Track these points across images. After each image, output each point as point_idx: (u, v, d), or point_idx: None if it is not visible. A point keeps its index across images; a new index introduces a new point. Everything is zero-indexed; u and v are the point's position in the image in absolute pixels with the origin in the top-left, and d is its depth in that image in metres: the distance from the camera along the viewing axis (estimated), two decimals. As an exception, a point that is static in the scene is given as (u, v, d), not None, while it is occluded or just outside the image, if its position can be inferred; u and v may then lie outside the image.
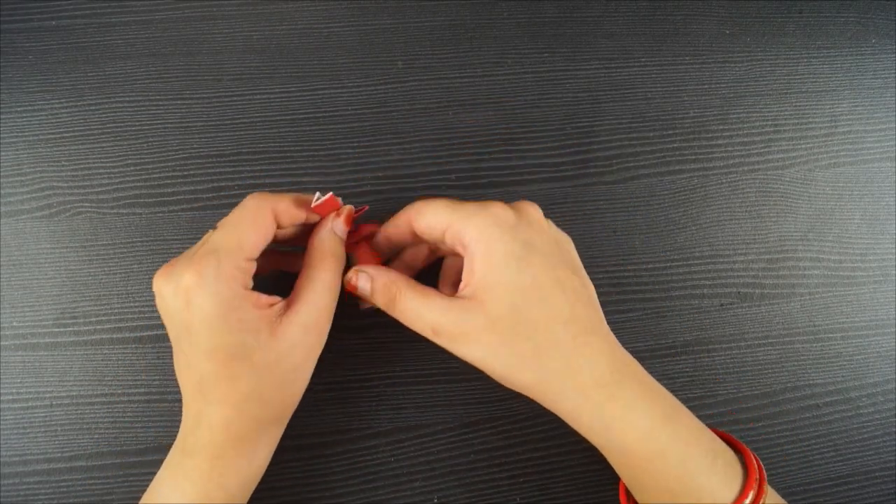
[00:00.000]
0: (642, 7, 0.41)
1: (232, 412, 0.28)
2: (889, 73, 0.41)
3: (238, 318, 0.27)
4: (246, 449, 0.28)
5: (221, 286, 0.26)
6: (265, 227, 0.28)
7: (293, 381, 0.29)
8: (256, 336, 0.27)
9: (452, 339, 0.28)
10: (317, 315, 0.28)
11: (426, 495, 0.36)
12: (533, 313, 0.28)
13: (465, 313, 0.28)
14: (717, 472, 0.28)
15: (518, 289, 0.28)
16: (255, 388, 0.27)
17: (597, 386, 0.28)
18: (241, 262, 0.27)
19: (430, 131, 0.39)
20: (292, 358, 0.28)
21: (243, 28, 0.39)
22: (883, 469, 0.38)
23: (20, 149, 0.37)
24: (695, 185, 0.40)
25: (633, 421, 0.28)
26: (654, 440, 0.28)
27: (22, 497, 0.35)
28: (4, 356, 0.36)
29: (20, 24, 0.38)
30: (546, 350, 0.28)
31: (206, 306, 0.26)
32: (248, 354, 0.27)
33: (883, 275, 0.40)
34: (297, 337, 0.28)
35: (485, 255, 0.28)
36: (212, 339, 0.27)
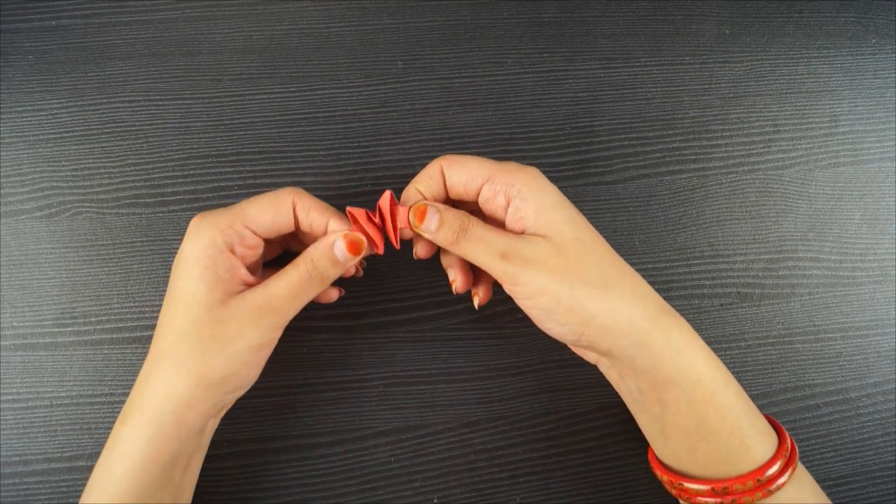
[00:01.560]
0: (642, 7, 0.41)
1: (151, 365, 0.29)
2: (889, 73, 0.41)
3: (206, 267, 0.28)
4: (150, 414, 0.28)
5: (208, 233, 0.28)
6: (278, 209, 0.30)
7: (218, 351, 0.28)
8: (210, 293, 0.28)
9: (523, 262, 0.28)
10: (265, 299, 0.29)
11: (426, 495, 0.36)
12: (597, 246, 0.29)
13: (535, 243, 0.29)
14: (761, 420, 0.29)
15: (577, 224, 0.29)
16: (178, 342, 0.28)
17: (660, 313, 0.29)
18: (237, 223, 0.29)
19: (430, 131, 0.39)
20: (225, 328, 0.28)
21: (243, 28, 0.39)
22: (883, 469, 0.38)
23: (20, 149, 0.37)
24: (695, 185, 0.40)
25: (697, 348, 0.29)
26: (717, 371, 0.29)
27: (22, 497, 0.35)
28: (4, 356, 0.36)
29: (20, 24, 0.38)
30: (614, 279, 0.29)
31: (189, 247, 0.29)
32: (192, 306, 0.28)
33: (883, 275, 0.40)
34: (237, 310, 0.28)
35: (539, 199, 0.29)
36: (180, 280, 0.29)
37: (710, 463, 0.29)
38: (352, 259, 0.30)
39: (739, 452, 0.28)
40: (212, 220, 0.29)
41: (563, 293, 0.28)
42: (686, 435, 0.29)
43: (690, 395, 0.29)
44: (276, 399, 0.36)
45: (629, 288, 0.29)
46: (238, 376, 0.29)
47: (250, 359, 0.29)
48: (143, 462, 0.28)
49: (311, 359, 0.37)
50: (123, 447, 0.28)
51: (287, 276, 0.29)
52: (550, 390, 0.37)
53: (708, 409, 0.28)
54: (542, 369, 0.37)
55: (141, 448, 0.28)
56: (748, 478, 0.28)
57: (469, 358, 0.37)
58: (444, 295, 0.38)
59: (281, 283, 0.29)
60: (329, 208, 0.31)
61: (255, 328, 0.28)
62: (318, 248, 0.30)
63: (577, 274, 0.28)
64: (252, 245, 0.30)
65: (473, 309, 0.37)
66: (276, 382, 0.36)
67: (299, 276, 0.29)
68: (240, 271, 0.29)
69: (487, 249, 0.29)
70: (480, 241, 0.29)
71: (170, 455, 0.28)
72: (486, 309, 0.38)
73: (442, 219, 0.30)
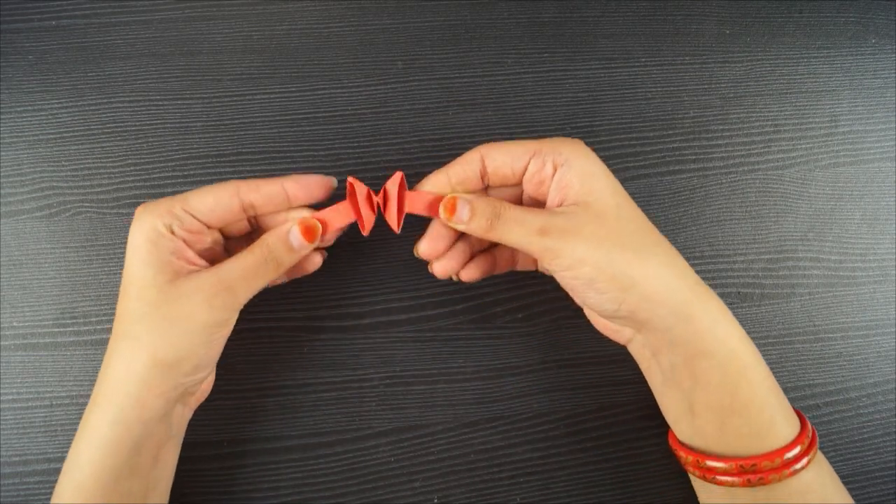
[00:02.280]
0: (642, 7, 0.41)
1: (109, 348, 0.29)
2: (889, 73, 0.41)
3: (149, 251, 0.28)
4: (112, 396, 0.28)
5: (149, 219, 0.29)
6: (217, 192, 0.30)
7: (169, 331, 0.28)
8: (157, 275, 0.28)
9: (561, 234, 0.28)
10: (217, 279, 0.29)
11: (426, 495, 0.36)
12: (635, 214, 0.30)
13: (572, 214, 0.29)
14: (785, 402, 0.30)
15: (618, 193, 0.30)
16: (131, 324, 0.28)
17: (697, 283, 0.29)
18: (176, 208, 0.29)
19: (430, 131, 0.39)
20: (175, 307, 0.28)
21: (243, 28, 0.39)
22: (883, 469, 0.38)
23: (20, 149, 0.37)
24: (695, 185, 0.40)
25: (731, 321, 0.29)
26: (749, 344, 0.29)
27: (22, 497, 0.35)
28: (4, 356, 0.36)
29: (20, 24, 0.38)
30: (652, 246, 0.29)
31: (134, 234, 0.29)
32: (142, 286, 0.28)
33: (883, 275, 0.40)
34: (187, 289, 0.28)
35: (584, 166, 0.30)
36: (129, 266, 0.29)
37: (740, 438, 0.29)
38: (307, 246, 0.30)
39: (769, 428, 0.28)
40: (151, 206, 0.29)
41: (602, 259, 0.28)
42: (717, 410, 0.29)
43: (725, 368, 0.29)
44: (276, 399, 0.36)
45: (668, 256, 0.29)
46: (194, 356, 0.29)
47: (205, 338, 0.29)
48: (107, 447, 0.28)
49: (311, 359, 0.37)
50: (89, 432, 0.28)
51: (241, 259, 0.29)
52: (550, 390, 0.37)
53: (741, 381, 0.29)
54: (542, 369, 0.37)
55: (104, 432, 0.28)
56: (776, 454, 0.28)
57: (469, 358, 0.37)
58: (444, 295, 0.38)
59: (234, 265, 0.29)
60: (278, 178, 0.31)
61: (208, 306, 0.28)
62: (274, 233, 0.30)
63: (616, 240, 0.28)
64: (194, 230, 0.30)
65: (473, 309, 0.37)
66: (276, 382, 0.36)
67: (254, 259, 0.29)
68: (186, 253, 0.29)
69: (524, 229, 0.29)
70: (515, 222, 0.29)
71: (133, 439, 0.28)
72: (486, 309, 0.38)
73: (473, 208, 0.30)
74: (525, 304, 0.38)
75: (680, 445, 0.31)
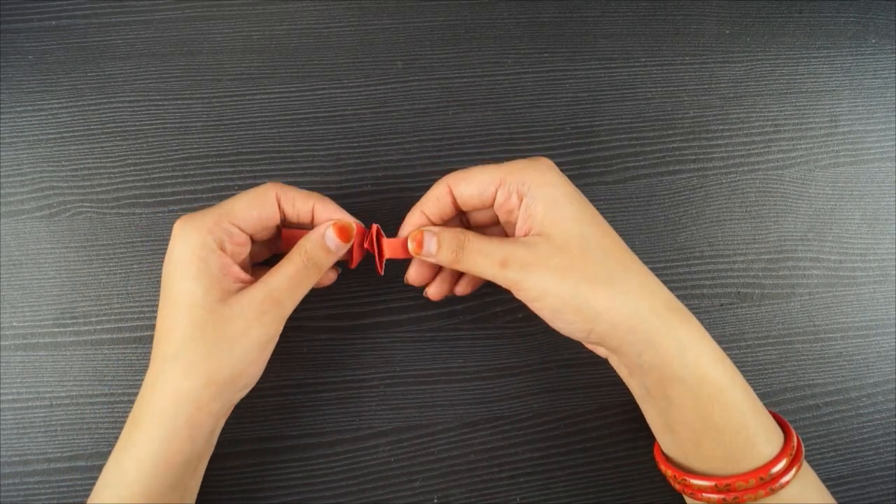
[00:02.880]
0: (642, 7, 0.41)
1: (159, 368, 0.28)
2: (889, 73, 0.41)
3: (199, 269, 0.28)
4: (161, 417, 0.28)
5: (197, 234, 0.28)
6: (262, 204, 0.30)
7: (225, 351, 0.28)
8: (208, 293, 0.28)
9: (522, 266, 0.29)
10: (266, 296, 0.29)
11: (426, 495, 0.36)
12: (602, 241, 0.29)
13: (534, 246, 0.29)
14: (768, 418, 0.29)
15: (584, 220, 0.29)
16: (184, 344, 0.28)
17: (667, 310, 0.29)
18: (224, 222, 0.29)
19: (430, 131, 0.39)
20: (229, 327, 0.28)
21: (243, 28, 0.39)
22: (883, 469, 0.38)
23: (20, 149, 0.37)
24: (694, 185, 0.40)
25: (705, 346, 0.29)
26: (723, 369, 0.29)
27: (22, 497, 0.35)
28: (4, 356, 0.36)
29: (20, 24, 0.38)
30: (619, 273, 0.29)
31: (179, 249, 0.28)
32: (192, 307, 0.28)
33: (883, 275, 0.40)
34: (239, 308, 0.28)
35: (547, 195, 0.29)
36: (175, 283, 0.28)
37: (715, 459, 0.29)
38: (343, 246, 0.31)
39: (745, 450, 0.28)
40: (198, 221, 0.29)
41: (566, 291, 0.28)
42: (692, 431, 0.29)
43: (696, 393, 0.28)
44: (276, 399, 0.36)
45: (636, 283, 0.29)
46: (246, 374, 0.29)
47: (257, 356, 0.29)
48: (157, 465, 0.28)
49: (311, 359, 0.37)
50: (136, 451, 0.28)
51: (283, 269, 0.30)
52: (550, 390, 0.37)
53: (713, 406, 0.28)
54: (542, 369, 0.37)
55: (155, 451, 0.28)
56: (751, 475, 0.28)
57: (469, 358, 0.37)
58: (444, 295, 0.38)
59: (279, 277, 0.29)
60: (311, 194, 0.31)
61: (259, 324, 0.29)
62: (311, 238, 0.30)
63: (580, 271, 0.28)
64: (241, 242, 0.30)
65: (473, 309, 0.37)
66: (276, 382, 0.36)
67: (295, 268, 0.30)
68: (233, 269, 0.29)
69: (487, 260, 0.29)
70: (479, 253, 0.29)
71: (183, 457, 0.28)
72: (486, 309, 0.38)
73: (439, 241, 0.30)
74: (525, 304, 0.38)
75: (663, 459, 0.32)
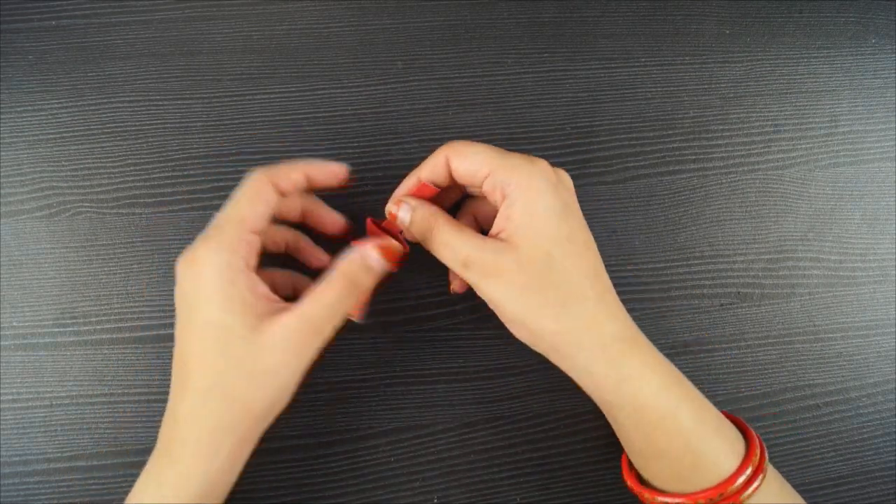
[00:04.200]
0: (642, 7, 0.41)
1: (196, 401, 0.27)
2: (889, 73, 0.41)
3: (229, 295, 0.27)
4: (204, 451, 0.27)
5: (224, 255, 0.27)
6: (265, 197, 0.29)
7: (264, 384, 0.27)
8: (241, 320, 0.27)
9: (482, 273, 0.28)
10: (305, 325, 0.27)
11: (426, 495, 0.36)
12: (566, 264, 0.28)
13: (499, 253, 0.28)
14: (723, 437, 0.29)
15: (555, 240, 0.28)
16: (221, 376, 0.27)
17: (615, 341, 0.29)
18: (244, 233, 0.28)
19: (430, 131, 0.39)
20: (268, 358, 0.27)
21: (243, 28, 0.39)
22: (883, 469, 0.38)
23: (20, 149, 0.37)
24: (695, 185, 0.40)
25: (648, 376, 0.29)
26: (667, 397, 0.29)
27: (22, 497, 0.35)
28: (4, 356, 0.36)
29: (20, 24, 0.38)
30: (572, 301, 0.28)
31: (209, 274, 0.27)
32: (226, 338, 0.27)
33: (883, 275, 0.40)
34: (277, 338, 0.27)
35: (527, 204, 0.28)
36: (203, 312, 0.27)
37: (665, 479, 0.29)
38: (386, 266, 0.30)
39: (692, 471, 0.28)
40: (215, 240, 0.27)
41: (517, 309, 0.28)
42: (638, 453, 0.30)
43: (636, 419, 0.29)
44: (276, 399, 0.36)
45: (589, 312, 0.28)
46: (283, 401, 0.28)
47: (294, 385, 0.28)
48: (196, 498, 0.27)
49: (311, 359, 0.37)
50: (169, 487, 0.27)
51: (323, 296, 0.28)
52: (550, 390, 0.37)
53: (654, 432, 0.29)
54: (542, 369, 0.37)
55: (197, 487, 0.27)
56: (700, 495, 0.27)
57: (469, 358, 0.37)
58: (444, 295, 0.38)
59: (318, 304, 0.28)
60: (296, 164, 0.31)
61: (298, 357, 0.27)
62: (352, 261, 0.29)
63: (536, 291, 0.28)
64: (258, 247, 0.29)
65: (473, 309, 0.37)
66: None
67: (335, 293, 0.28)
68: (261, 288, 0.28)
69: (451, 255, 0.29)
70: (443, 245, 0.29)
71: (224, 488, 0.28)
72: (486, 309, 0.38)
73: (412, 218, 0.30)
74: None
75: (630, 473, 0.32)
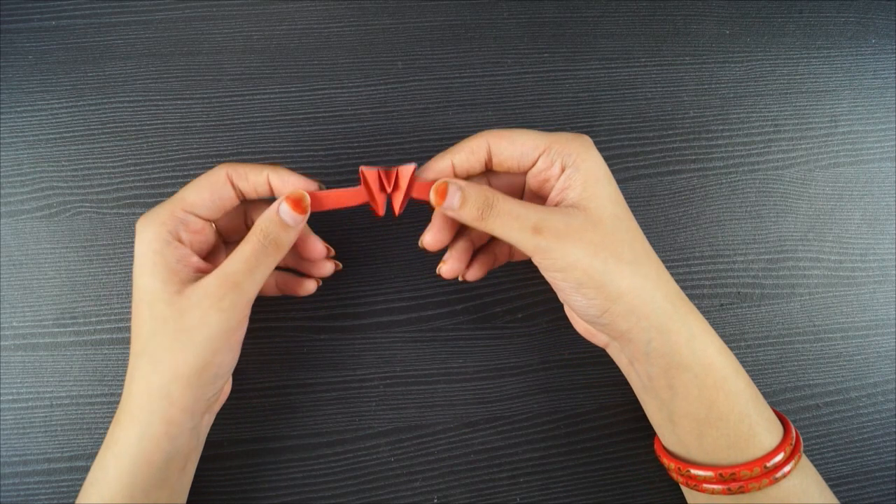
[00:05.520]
0: (642, 7, 0.41)
1: (133, 365, 0.28)
2: (889, 73, 0.41)
3: (155, 262, 0.28)
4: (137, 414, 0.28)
5: (151, 228, 0.29)
6: (213, 185, 0.30)
7: (186, 342, 0.28)
8: (165, 286, 0.28)
9: (556, 235, 0.28)
10: (223, 280, 0.28)
11: (426, 495, 0.36)
12: (631, 225, 0.30)
13: (569, 216, 0.29)
14: (768, 409, 0.30)
15: (617, 202, 0.30)
16: (149, 340, 0.28)
17: (679, 299, 0.30)
18: (177, 211, 0.29)
19: (430, 131, 0.39)
20: (188, 317, 0.27)
21: (243, 28, 0.39)
22: (883, 469, 0.38)
23: (20, 149, 0.37)
24: (695, 185, 0.40)
25: (711, 336, 0.30)
26: (727, 357, 0.30)
27: (22, 497, 0.35)
28: (4, 356, 0.36)
29: (20, 24, 0.38)
30: (642, 258, 0.29)
31: (139, 245, 0.29)
32: (152, 301, 0.28)
33: (883, 275, 0.40)
34: (197, 297, 0.28)
35: (591, 170, 0.29)
36: (137, 280, 0.29)
37: (719, 449, 0.29)
38: (299, 218, 0.29)
39: (748, 438, 0.28)
40: (152, 215, 0.29)
41: (595, 267, 0.28)
42: (695, 421, 0.29)
43: (702, 380, 0.29)
44: (276, 399, 0.36)
45: (655, 269, 0.29)
46: (213, 364, 0.28)
47: (222, 344, 0.28)
48: (137, 463, 0.28)
49: (311, 359, 0.37)
50: (117, 448, 0.28)
51: (239, 251, 0.29)
52: (550, 390, 0.37)
53: (718, 394, 0.29)
54: (542, 369, 0.37)
55: (133, 449, 0.28)
56: (756, 464, 0.28)
57: (469, 358, 0.37)
58: (444, 295, 0.38)
59: (235, 259, 0.28)
60: (263, 165, 0.30)
61: (218, 311, 0.28)
62: (265, 215, 0.29)
63: (611, 249, 0.28)
64: (198, 229, 0.30)
65: (473, 309, 0.37)
66: (276, 382, 0.36)
67: (251, 247, 0.28)
68: (191, 259, 0.29)
69: (518, 224, 0.28)
70: (509, 215, 0.28)
71: (164, 455, 0.28)
72: (486, 309, 0.38)
73: (465, 196, 0.29)
74: (525, 304, 0.38)
75: (664, 452, 0.32)
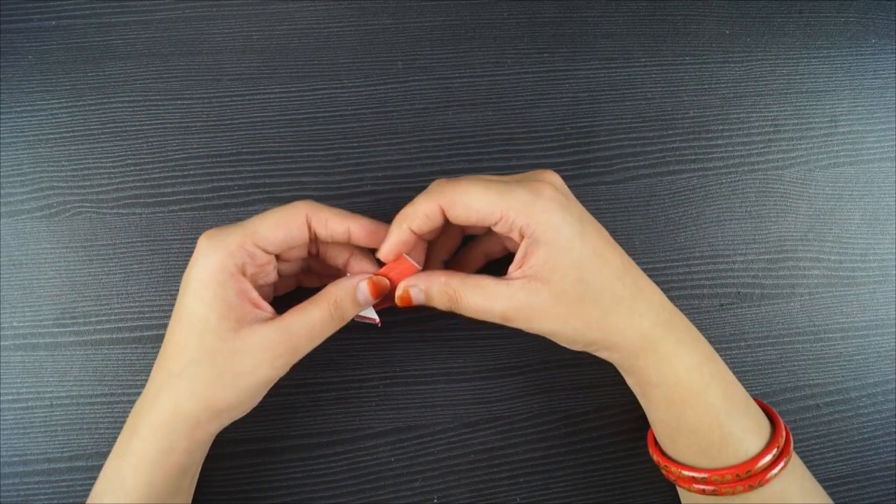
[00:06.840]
0: (642, 7, 0.41)
1: (165, 382, 0.28)
2: (889, 73, 0.41)
3: (215, 293, 0.28)
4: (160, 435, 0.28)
5: (217, 255, 0.28)
6: (290, 225, 0.29)
7: (230, 383, 0.28)
8: (221, 321, 0.28)
9: (526, 319, 0.29)
10: (283, 337, 0.28)
11: (426, 495, 0.36)
12: (598, 280, 0.29)
13: (532, 295, 0.29)
14: (751, 417, 0.30)
15: (583, 263, 0.29)
16: (191, 366, 0.28)
17: (653, 326, 0.30)
18: (248, 243, 0.28)
19: (430, 131, 0.39)
20: (240, 360, 0.28)
21: (243, 28, 0.39)
22: (883, 469, 0.38)
23: (20, 149, 0.37)
24: (695, 185, 0.40)
25: (681, 354, 0.30)
26: (699, 374, 0.30)
27: (22, 497, 0.35)
28: (4, 356, 0.36)
29: (20, 24, 0.38)
30: (612, 309, 0.29)
31: (198, 268, 0.28)
32: (203, 331, 0.28)
33: (883, 275, 0.40)
34: (253, 344, 0.28)
35: (551, 240, 0.28)
36: (189, 304, 0.28)
37: (691, 455, 0.31)
38: (372, 301, 0.30)
39: (720, 447, 0.30)
40: (221, 240, 0.28)
41: (566, 333, 0.30)
42: (668, 428, 0.32)
43: (670, 396, 0.31)
44: (276, 399, 0.36)
45: (627, 311, 0.30)
46: (246, 405, 0.29)
47: (260, 391, 0.29)
48: (155, 475, 0.28)
49: (311, 359, 0.37)
50: (135, 459, 0.28)
51: (307, 314, 0.29)
52: (550, 390, 0.37)
53: (685, 409, 0.30)
54: (542, 369, 0.37)
55: (153, 462, 0.28)
56: (727, 471, 0.29)
57: (469, 358, 0.37)
58: (444, 295, 0.38)
59: (300, 321, 0.29)
60: (347, 215, 0.30)
61: (270, 367, 0.28)
62: (342, 287, 0.30)
63: (578, 316, 0.29)
64: (263, 263, 0.29)
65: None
66: (276, 382, 0.36)
67: (320, 315, 0.29)
68: (250, 294, 0.29)
69: (487, 315, 0.30)
70: (476, 310, 0.30)
71: (182, 468, 0.29)
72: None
73: (428, 296, 0.30)
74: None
75: (655, 448, 0.34)
